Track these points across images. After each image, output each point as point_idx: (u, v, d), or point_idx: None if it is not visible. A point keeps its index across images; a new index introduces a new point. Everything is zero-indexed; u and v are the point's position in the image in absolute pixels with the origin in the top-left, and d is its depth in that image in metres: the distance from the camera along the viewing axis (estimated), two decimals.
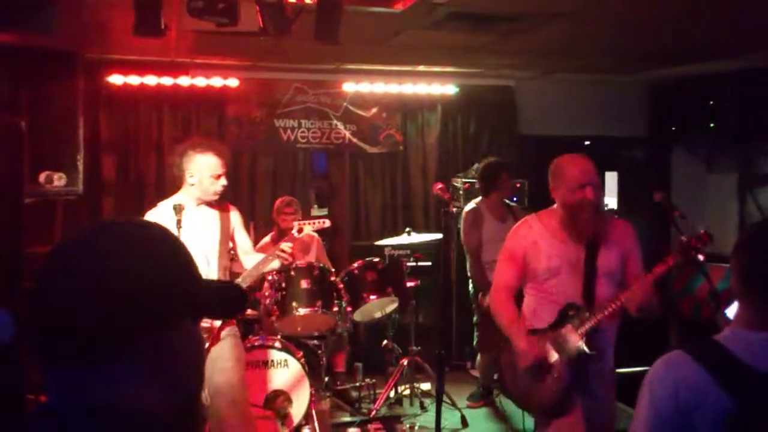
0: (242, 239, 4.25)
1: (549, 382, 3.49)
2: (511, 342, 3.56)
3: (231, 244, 4.21)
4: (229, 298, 1.26)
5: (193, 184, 3.97)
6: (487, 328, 5.26)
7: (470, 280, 6.04)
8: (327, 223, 4.44)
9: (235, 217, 4.22)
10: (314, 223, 4.36)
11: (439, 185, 4.61)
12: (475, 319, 6.04)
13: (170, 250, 1.15)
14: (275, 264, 4.21)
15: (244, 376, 4.17)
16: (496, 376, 5.82)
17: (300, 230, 4.27)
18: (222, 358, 3.98)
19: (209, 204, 4.09)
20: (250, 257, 4.24)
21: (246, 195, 7.21)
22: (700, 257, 3.28)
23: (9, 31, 4.59)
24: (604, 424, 3.57)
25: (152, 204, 4.30)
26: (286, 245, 4.13)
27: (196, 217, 4.02)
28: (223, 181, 3.99)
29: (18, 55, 4.78)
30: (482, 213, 5.86)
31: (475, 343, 6.11)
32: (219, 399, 3.93)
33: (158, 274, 1.09)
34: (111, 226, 1.17)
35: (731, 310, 4.45)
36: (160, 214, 3.92)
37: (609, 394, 3.61)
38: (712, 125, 7.23)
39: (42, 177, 4.72)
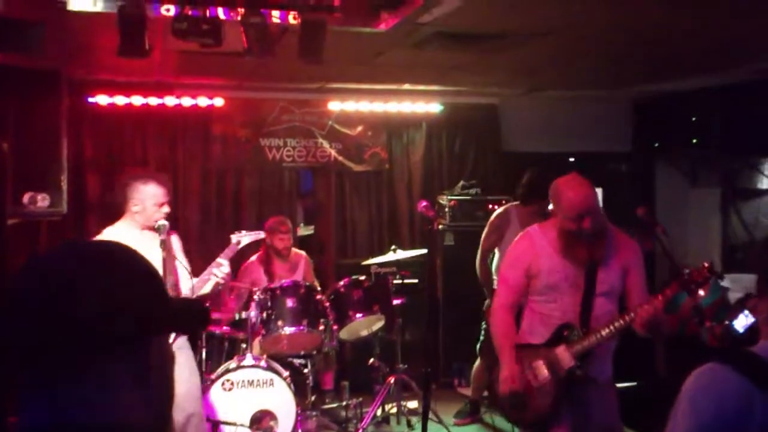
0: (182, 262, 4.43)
1: (539, 399, 3.50)
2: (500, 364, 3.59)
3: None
4: (194, 313, 1.31)
5: (136, 212, 4.21)
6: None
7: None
8: (261, 234, 5.14)
9: (176, 241, 4.43)
10: (251, 235, 4.87)
11: (424, 203, 4.64)
12: (483, 324, 5.80)
13: (142, 266, 1.18)
14: (209, 286, 4.48)
15: (199, 388, 4.45)
16: (485, 393, 5.80)
17: (239, 242, 4.70)
18: (180, 370, 4.05)
19: (151, 229, 4.30)
20: (185, 281, 4.39)
21: (231, 214, 7.19)
22: (701, 292, 3.22)
23: None
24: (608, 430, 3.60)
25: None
26: (223, 261, 4.48)
27: (139, 240, 4.11)
28: (166, 209, 4.25)
29: (1, 74, 4.76)
30: (510, 219, 5.60)
31: (478, 347, 5.96)
32: (176, 412, 4.06)
33: (135, 287, 1.12)
34: (84, 245, 1.20)
35: (740, 323, 4.46)
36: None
37: (608, 402, 3.61)
38: (695, 140, 7.30)
39: (25, 198, 4.68)
